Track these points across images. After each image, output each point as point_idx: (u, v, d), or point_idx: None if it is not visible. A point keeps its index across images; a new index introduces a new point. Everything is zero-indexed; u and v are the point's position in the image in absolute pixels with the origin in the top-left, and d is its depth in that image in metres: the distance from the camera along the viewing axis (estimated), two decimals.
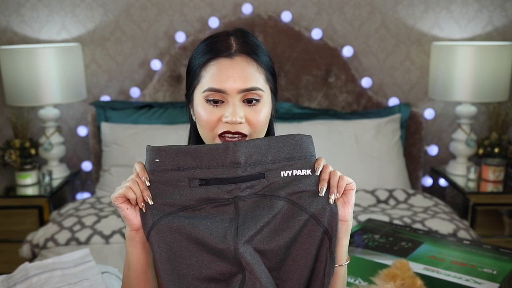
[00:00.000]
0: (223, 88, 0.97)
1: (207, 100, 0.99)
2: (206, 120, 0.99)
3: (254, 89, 0.99)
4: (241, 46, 1.00)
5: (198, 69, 1.01)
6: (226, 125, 0.98)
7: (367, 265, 1.34)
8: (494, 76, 2.55)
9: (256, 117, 1.00)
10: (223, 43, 1.00)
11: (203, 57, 1.00)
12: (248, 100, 0.99)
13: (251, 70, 0.99)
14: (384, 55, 2.88)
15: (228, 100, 0.98)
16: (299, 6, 2.83)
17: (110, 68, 2.90)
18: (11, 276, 1.39)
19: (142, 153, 2.98)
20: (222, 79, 0.97)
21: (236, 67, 0.98)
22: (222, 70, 0.98)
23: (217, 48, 1.00)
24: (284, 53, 2.79)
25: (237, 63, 0.98)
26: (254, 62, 1.00)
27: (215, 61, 0.99)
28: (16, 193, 2.59)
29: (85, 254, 1.51)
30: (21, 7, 2.82)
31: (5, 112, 2.91)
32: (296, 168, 0.95)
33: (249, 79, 0.98)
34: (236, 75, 0.97)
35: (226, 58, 0.98)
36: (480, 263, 1.32)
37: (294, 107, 2.77)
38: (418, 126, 2.80)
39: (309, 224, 0.92)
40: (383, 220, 2.05)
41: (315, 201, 0.93)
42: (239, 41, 1.01)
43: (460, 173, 2.75)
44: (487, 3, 2.81)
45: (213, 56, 0.99)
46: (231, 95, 0.98)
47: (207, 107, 0.99)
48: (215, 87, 0.97)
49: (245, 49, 1.00)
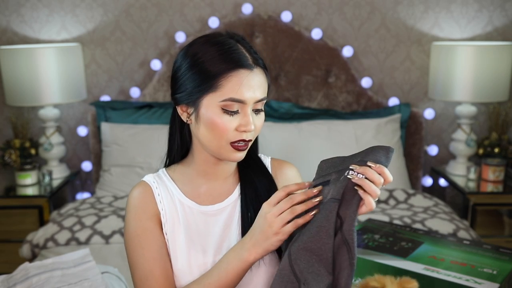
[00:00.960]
0: (244, 98, 1.00)
1: (225, 109, 1.00)
2: (222, 128, 1.01)
3: (264, 99, 1.04)
4: (254, 57, 1.03)
5: (217, 76, 1.00)
6: (242, 134, 1.02)
7: (367, 265, 1.34)
8: (494, 76, 2.55)
9: (260, 124, 1.05)
10: (241, 52, 1.02)
11: (224, 64, 1.00)
12: (257, 109, 1.04)
13: (264, 81, 1.04)
14: (384, 55, 2.88)
15: (244, 110, 1.01)
16: (299, 6, 2.83)
17: (110, 68, 2.90)
18: (11, 276, 1.39)
19: (142, 153, 2.96)
20: (244, 90, 1.00)
21: (256, 79, 1.01)
22: (244, 81, 1.00)
23: (236, 57, 1.01)
24: (284, 53, 2.79)
25: (256, 75, 1.02)
26: (265, 73, 1.05)
27: (237, 72, 1.00)
28: (16, 193, 2.59)
29: (85, 254, 1.51)
30: (21, 7, 2.82)
31: (5, 112, 2.91)
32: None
33: (263, 90, 1.03)
34: (256, 87, 1.01)
35: (247, 70, 1.01)
36: (480, 263, 1.32)
37: (294, 107, 2.77)
38: (418, 126, 2.80)
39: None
40: (383, 220, 2.05)
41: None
42: (249, 51, 1.04)
43: (460, 173, 2.75)
44: (487, 3, 2.81)
45: (236, 66, 1.00)
46: (248, 105, 1.01)
47: (224, 116, 1.01)
48: (238, 97, 0.99)
49: (259, 61, 1.04)
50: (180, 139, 1.13)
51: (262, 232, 0.93)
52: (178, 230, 1.08)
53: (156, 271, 1.03)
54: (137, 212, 1.07)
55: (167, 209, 1.09)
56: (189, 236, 1.08)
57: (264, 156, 1.19)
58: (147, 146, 2.56)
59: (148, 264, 1.03)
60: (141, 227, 1.06)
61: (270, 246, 0.93)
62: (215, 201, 1.11)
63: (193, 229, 1.08)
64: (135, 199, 1.08)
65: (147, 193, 1.09)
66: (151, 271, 1.03)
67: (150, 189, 1.09)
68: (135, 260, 1.05)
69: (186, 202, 1.10)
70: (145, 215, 1.07)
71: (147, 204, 1.08)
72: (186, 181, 1.12)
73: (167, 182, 1.12)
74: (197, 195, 1.11)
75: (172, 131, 1.14)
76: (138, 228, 1.06)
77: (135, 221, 1.07)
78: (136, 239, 1.05)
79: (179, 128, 1.12)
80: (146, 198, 1.08)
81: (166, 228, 1.08)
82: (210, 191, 1.12)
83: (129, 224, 1.07)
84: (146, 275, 1.03)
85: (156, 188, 1.10)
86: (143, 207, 1.07)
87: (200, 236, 1.08)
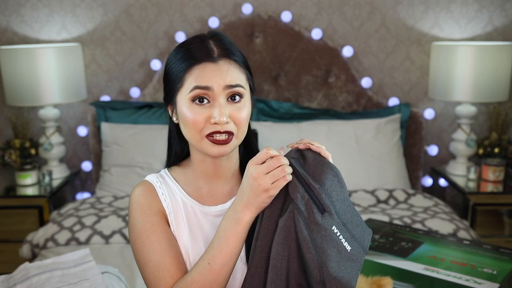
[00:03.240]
0: (210, 84, 1.00)
1: (193, 100, 1.01)
2: (193, 121, 1.01)
3: (238, 86, 1.02)
4: (222, 50, 1.03)
5: (181, 73, 1.02)
6: (215, 126, 1.00)
7: (367, 265, 1.34)
8: (494, 76, 2.55)
9: (240, 115, 1.02)
10: (204, 48, 1.02)
11: (185, 62, 1.02)
12: (232, 97, 1.02)
13: (234, 70, 1.03)
14: (384, 55, 2.88)
15: (214, 100, 1.01)
16: (299, 6, 2.83)
17: (110, 68, 2.90)
18: (11, 276, 1.39)
19: (142, 153, 2.97)
20: (207, 76, 1.00)
21: (221, 69, 1.01)
22: (207, 71, 1.00)
23: (199, 53, 1.02)
24: (284, 53, 2.79)
25: (221, 65, 1.01)
26: (236, 64, 1.04)
27: (199, 65, 1.01)
28: (16, 193, 2.59)
29: (85, 254, 1.51)
30: (21, 7, 2.82)
31: (5, 112, 2.91)
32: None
33: (233, 77, 1.01)
34: (223, 73, 1.01)
35: (210, 63, 1.01)
36: (480, 263, 1.32)
37: (294, 107, 2.77)
38: (418, 126, 2.80)
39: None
40: (383, 220, 2.05)
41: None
42: (218, 45, 1.04)
43: (460, 173, 2.75)
44: (487, 3, 2.81)
45: (197, 61, 1.01)
46: (217, 92, 1.00)
47: (193, 107, 1.01)
48: (202, 84, 1.00)
49: (227, 53, 1.03)
50: (178, 141, 1.13)
51: (253, 191, 0.94)
52: (183, 230, 1.08)
53: (167, 262, 1.03)
54: (143, 209, 1.06)
55: (172, 209, 1.08)
56: (193, 235, 1.08)
57: None
58: (147, 146, 2.56)
59: (159, 257, 1.03)
60: (149, 222, 1.05)
61: (262, 203, 0.95)
62: (217, 202, 1.11)
63: (196, 229, 1.08)
64: (139, 196, 1.08)
65: (151, 191, 1.09)
66: (162, 263, 1.02)
67: (153, 188, 1.09)
68: (145, 255, 1.04)
69: (189, 202, 1.10)
70: (151, 211, 1.06)
71: (152, 201, 1.07)
72: (188, 182, 1.12)
73: (169, 182, 1.11)
74: (199, 196, 1.11)
75: (170, 134, 1.14)
76: (146, 223, 1.05)
77: (142, 216, 1.06)
78: (145, 234, 1.04)
79: (175, 129, 1.12)
80: (150, 196, 1.08)
81: (173, 227, 1.07)
82: (212, 192, 1.11)
83: (136, 221, 1.06)
84: (157, 267, 1.03)
85: (159, 187, 1.09)
86: (148, 203, 1.07)
87: (204, 236, 1.08)
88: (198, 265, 0.99)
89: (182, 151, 1.14)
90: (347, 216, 0.97)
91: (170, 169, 1.15)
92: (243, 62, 1.06)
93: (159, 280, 1.02)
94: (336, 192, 0.97)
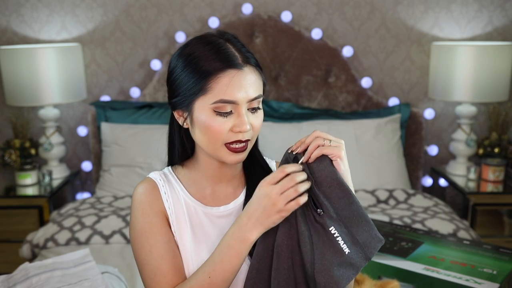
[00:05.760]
0: (235, 99, 0.99)
1: (217, 111, 0.99)
2: (217, 131, 1.00)
3: (259, 97, 1.02)
4: (244, 56, 1.02)
5: (203, 80, 0.99)
6: (237, 135, 1.00)
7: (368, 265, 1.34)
8: (494, 76, 2.55)
9: (258, 123, 1.04)
10: (229, 52, 1.00)
11: (210, 66, 0.99)
12: (253, 107, 1.02)
13: (257, 79, 1.02)
14: (384, 55, 2.88)
15: (237, 110, 1.00)
16: (299, 6, 2.83)
17: (110, 68, 2.90)
18: (11, 276, 1.39)
19: (142, 153, 2.97)
20: (234, 90, 0.98)
21: (247, 78, 1.00)
22: (234, 82, 0.99)
23: (224, 58, 0.99)
24: (284, 53, 2.79)
25: (246, 74, 1.00)
26: (256, 70, 1.03)
27: (225, 72, 0.99)
28: (16, 193, 2.59)
29: (85, 254, 1.51)
30: (21, 7, 2.82)
31: (5, 112, 2.91)
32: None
33: (255, 88, 1.01)
34: (247, 86, 1.00)
35: (236, 70, 0.99)
36: (480, 263, 1.32)
37: (294, 107, 2.77)
38: (418, 126, 2.80)
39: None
40: (383, 220, 2.05)
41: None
42: (240, 50, 1.02)
43: (460, 173, 2.75)
44: (487, 3, 2.81)
45: (223, 67, 0.99)
46: (241, 104, 1.00)
47: (217, 118, 1.00)
48: (228, 98, 0.98)
49: (249, 60, 1.02)
50: (180, 143, 1.12)
51: (265, 211, 0.94)
52: (185, 230, 1.07)
53: (163, 267, 1.03)
54: (144, 208, 1.06)
55: (174, 209, 1.08)
56: (195, 236, 1.07)
57: (269, 159, 1.19)
58: (147, 146, 2.56)
59: (156, 261, 1.03)
60: (148, 223, 1.05)
61: (271, 224, 0.95)
62: (220, 203, 1.11)
63: (199, 230, 1.08)
64: (141, 195, 1.07)
65: (154, 189, 1.08)
66: (159, 268, 1.03)
67: (156, 187, 1.09)
68: (143, 258, 1.04)
69: (192, 203, 1.09)
70: (151, 211, 1.06)
71: (153, 200, 1.07)
72: (190, 183, 1.11)
73: (173, 181, 1.11)
74: (202, 197, 1.11)
75: (171, 136, 1.13)
76: (146, 224, 1.05)
77: (143, 217, 1.06)
78: (144, 236, 1.05)
79: (178, 132, 1.11)
80: (152, 195, 1.08)
81: (175, 227, 1.07)
82: (215, 193, 1.11)
83: (136, 222, 1.06)
84: (154, 272, 1.03)
85: (162, 186, 1.09)
86: (149, 203, 1.07)
87: (206, 237, 1.08)
88: (198, 276, 0.99)
89: (185, 151, 1.13)
90: (352, 221, 0.97)
91: (174, 168, 1.14)
92: (258, 66, 1.05)
93: (155, 284, 1.03)
94: (337, 195, 0.97)
